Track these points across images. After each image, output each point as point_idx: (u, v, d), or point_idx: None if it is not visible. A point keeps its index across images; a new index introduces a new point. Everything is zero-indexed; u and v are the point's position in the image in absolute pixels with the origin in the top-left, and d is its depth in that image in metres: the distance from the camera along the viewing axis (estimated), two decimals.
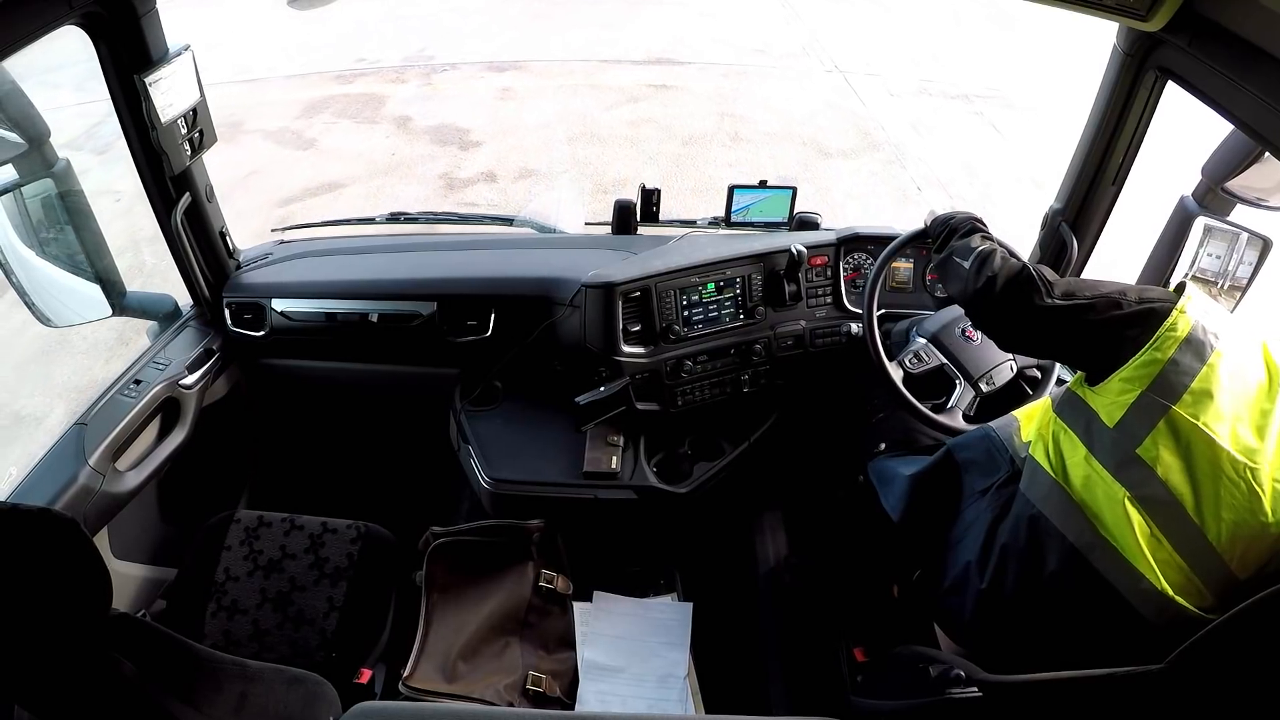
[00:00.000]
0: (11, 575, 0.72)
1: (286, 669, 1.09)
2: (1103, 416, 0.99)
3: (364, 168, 4.57)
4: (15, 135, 1.35)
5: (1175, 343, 0.95)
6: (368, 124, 5.04)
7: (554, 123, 4.95)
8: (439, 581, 1.49)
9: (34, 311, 1.42)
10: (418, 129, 4.95)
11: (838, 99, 5.37)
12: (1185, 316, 0.97)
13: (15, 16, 1.03)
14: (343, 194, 4.33)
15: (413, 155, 4.67)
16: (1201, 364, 0.94)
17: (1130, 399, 0.96)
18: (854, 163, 4.69)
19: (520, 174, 4.44)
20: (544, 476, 1.56)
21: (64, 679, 0.78)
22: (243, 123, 4.99)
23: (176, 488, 1.69)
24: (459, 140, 4.79)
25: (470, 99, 5.26)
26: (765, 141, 4.86)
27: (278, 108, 5.23)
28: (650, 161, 4.59)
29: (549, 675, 1.41)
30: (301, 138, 4.93)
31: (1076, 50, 4.58)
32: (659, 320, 1.58)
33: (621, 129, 4.89)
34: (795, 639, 1.58)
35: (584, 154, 4.64)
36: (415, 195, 4.25)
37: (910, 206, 4.30)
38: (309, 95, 5.37)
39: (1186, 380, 0.94)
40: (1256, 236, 1.43)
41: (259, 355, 1.78)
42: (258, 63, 5.77)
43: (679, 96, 5.29)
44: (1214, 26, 1.08)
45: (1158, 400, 0.94)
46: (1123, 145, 1.46)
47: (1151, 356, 0.96)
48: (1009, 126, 5.15)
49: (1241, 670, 0.83)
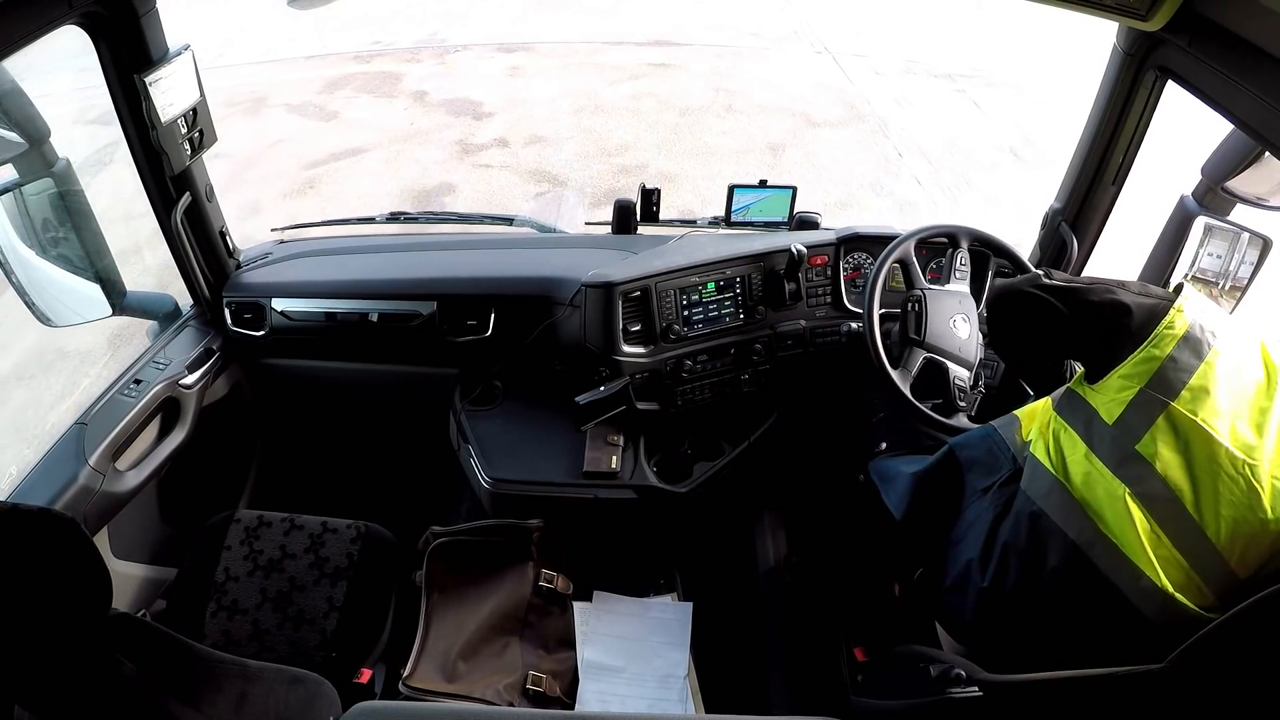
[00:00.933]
0: (11, 575, 0.72)
1: (286, 669, 1.09)
2: (1102, 414, 0.99)
3: (385, 135, 4.90)
4: (15, 135, 1.35)
5: (1173, 340, 0.96)
6: (386, 98, 5.38)
7: (560, 97, 5.28)
8: (439, 581, 1.49)
9: (34, 311, 1.42)
10: (434, 102, 5.30)
11: (826, 77, 5.69)
12: (1183, 315, 0.98)
13: (15, 16, 1.03)
14: (365, 158, 4.66)
15: (430, 124, 5.02)
16: (1199, 361, 0.95)
17: (1129, 395, 0.97)
18: (840, 132, 4.98)
19: (530, 140, 4.78)
20: (544, 476, 1.56)
21: (64, 679, 0.78)
22: (267, 98, 5.38)
23: (176, 487, 1.69)
24: (473, 111, 5.14)
25: (481, 76, 5.62)
26: (757, 113, 5.15)
27: (300, 85, 5.58)
28: (650, 129, 4.89)
29: (549, 675, 1.41)
30: (324, 110, 5.29)
31: (1059, 35, 5.00)
32: (659, 320, 1.58)
33: (623, 101, 5.23)
34: (795, 639, 1.58)
35: (589, 123, 4.97)
36: (434, 159, 4.62)
37: (891, 173, 4.61)
38: (329, 74, 5.71)
39: (1185, 377, 0.94)
40: (1257, 236, 1.43)
41: (259, 355, 1.78)
42: (279, 47, 6.15)
43: (676, 74, 5.62)
44: (1214, 26, 1.08)
45: (1156, 397, 0.95)
46: (1123, 145, 1.46)
47: (1150, 354, 0.97)
48: (989, 103, 5.44)
49: (1242, 670, 0.83)
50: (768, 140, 4.89)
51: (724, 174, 4.41)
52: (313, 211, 4.16)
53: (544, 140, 4.78)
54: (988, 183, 4.59)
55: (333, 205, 4.24)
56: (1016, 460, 1.17)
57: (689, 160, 4.56)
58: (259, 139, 4.86)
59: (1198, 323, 0.97)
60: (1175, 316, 0.97)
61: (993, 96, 5.54)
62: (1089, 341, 1.05)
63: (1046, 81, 5.57)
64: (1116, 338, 1.01)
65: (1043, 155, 4.81)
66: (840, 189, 4.44)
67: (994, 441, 1.22)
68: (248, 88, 5.55)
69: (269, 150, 4.74)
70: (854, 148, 4.85)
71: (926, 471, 1.30)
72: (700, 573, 1.68)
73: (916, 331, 1.45)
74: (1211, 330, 0.97)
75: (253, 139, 4.88)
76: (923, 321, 1.43)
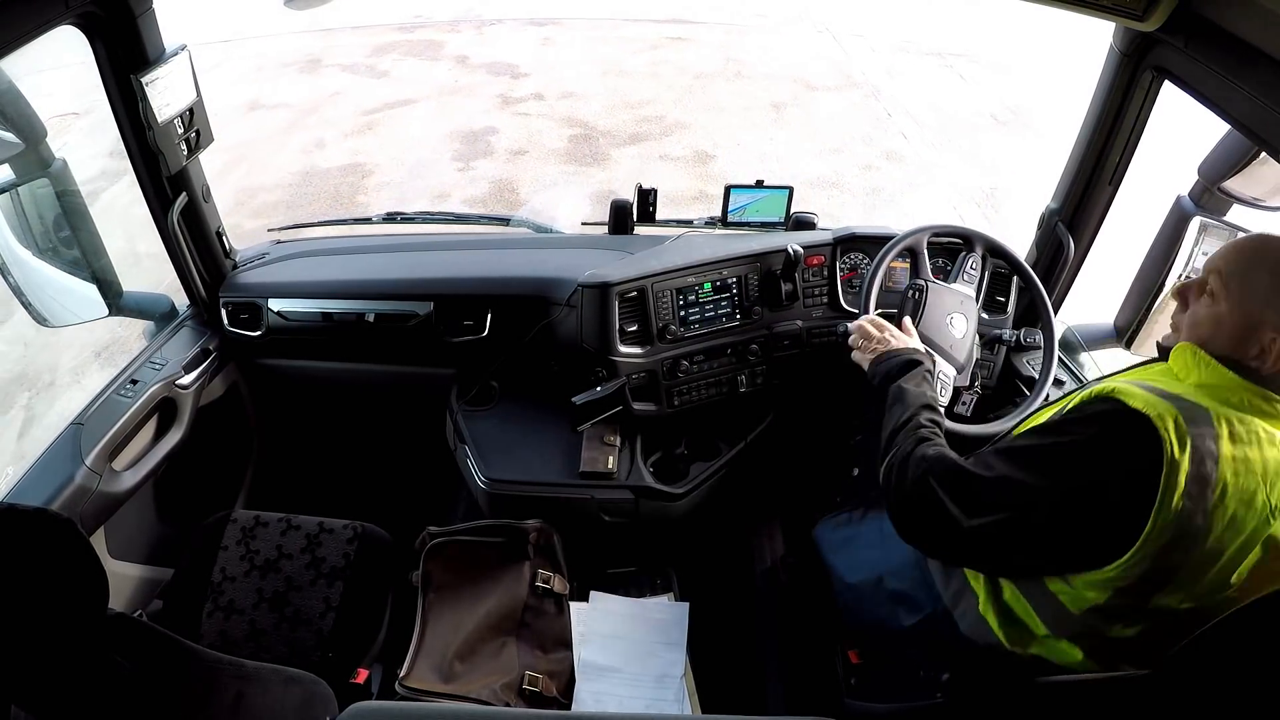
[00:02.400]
0: (8, 575, 0.72)
1: (283, 669, 1.09)
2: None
3: (432, 90, 5.63)
4: (12, 135, 1.35)
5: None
6: (430, 60, 6.12)
7: (587, 62, 6.06)
8: (435, 581, 1.49)
9: (30, 311, 1.42)
10: (474, 64, 6.05)
11: (826, 52, 6.43)
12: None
13: (12, 16, 1.03)
14: (416, 107, 5.36)
15: (472, 82, 5.78)
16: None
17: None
18: (835, 95, 5.70)
19: (563, 95, 5.52)
20: (540, 476, 1.56)
21: (61, 679, 0.78)
22: (321, 60, 6.14)
23: (173, 488, 1.69)
24: (510, 72, 5.89)
25: (516, 45, 6.37)
26: (762, 79, 5.86)
27: (350, 50, 6.29)
28: (667, 89, 5.65)
29: (546, 675, 1.41)
30: (375, 69, 5.98)
31: (1048, 25, 5.41)
32: (655, 320, 1.58)
33: (644, 67, 6.01)
34: (791, 639, 1.58)
35: (614, 84, 5.72)
36: (478, 108, 5.35)
37: (881, 129, 5.23)
38: (376, 41, 6.42)
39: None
40: None
41: (255, 355, 1.78)
42: (323, 18, 6.87)
43: (691, 46, 6.39)
44: (1211, 26, 1.08)
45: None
46: (1119, 145, 1.46)
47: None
48: (974, 77, 6.12)
49: (1238, 670, 0.83)
50: (771, 100, 5.54)
51: (731, 124, 5.19)
52: (373, 148, 4.85)
53: (575, 95, 5.51)
54: (967, 141, 5.19)
55: (392, 143, 4.89)
56: (942, 600, 1.17)
57: (701, 114, 5.30)
58: (318, 92, 5.58)
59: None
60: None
61: (979, 72, 6.16)
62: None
63: (1030, 62, 6.18)
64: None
65: (1020, 120, 5.48)
66: (834, 139, 5.07)
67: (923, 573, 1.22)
68: (303, 51, 6.26)
69: (328, 100, 5.45)
70: (848, 108, 5.51)
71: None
72: (697, 573, 1.68)
73: (912, 317, 1.44)
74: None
75: (311, 92, 5.61)
76: (919, 310, 1.43)
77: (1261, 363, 0.93)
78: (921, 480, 1.00)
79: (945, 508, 0.97)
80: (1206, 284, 0.99)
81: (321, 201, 4.31)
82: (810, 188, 4.42)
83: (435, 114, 5.26)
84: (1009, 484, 0.94)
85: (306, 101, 5.42)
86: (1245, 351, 0.94)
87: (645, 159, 4.78)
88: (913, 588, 1.23)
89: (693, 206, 4.20)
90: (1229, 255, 0.99)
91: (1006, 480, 0.94)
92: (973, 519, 0.95)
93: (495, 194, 4.37)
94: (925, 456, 1.02)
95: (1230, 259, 0.98)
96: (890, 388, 1.21)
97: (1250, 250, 0.97)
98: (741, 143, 4.97)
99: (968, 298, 1.49)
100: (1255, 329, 0.93)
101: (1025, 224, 1.75)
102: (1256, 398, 0.92)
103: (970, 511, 0.95)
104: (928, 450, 1.04)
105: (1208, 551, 0.87)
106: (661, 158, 4.79)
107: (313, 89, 5.62)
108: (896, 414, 1.14)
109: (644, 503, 1.56)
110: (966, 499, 0.96)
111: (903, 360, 1.24)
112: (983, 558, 1.03)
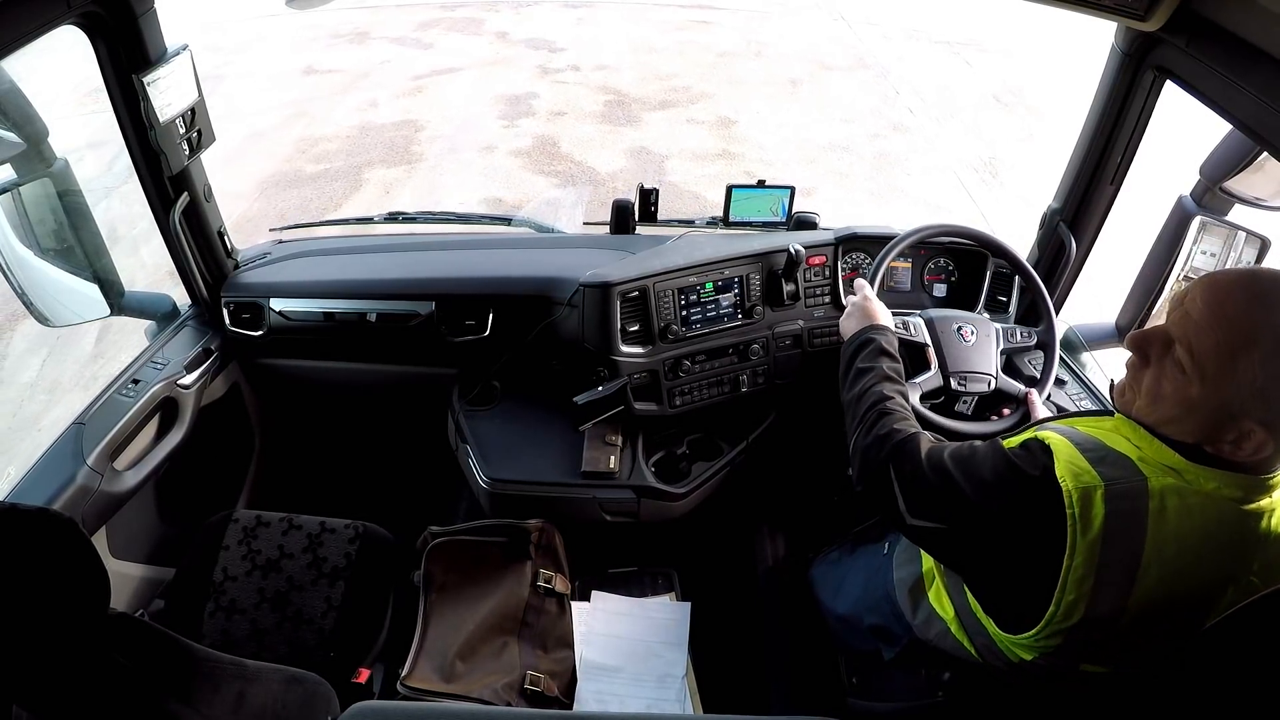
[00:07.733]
0: (10, 575, 0.72)
1: (285, 668, 1.09)
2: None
3: (475, 60, 6.29)
4: (14, 135, 1.34)
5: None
6: (473, 35, 6.85)
7: (619, 40, 6.79)
8: (437, 581, 1.49)
9: (32, 311, 1.42)
10: (514, 39, 6.76)
11: (841, 37, 7.16)
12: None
13: (13, 16, 1.03)
14: (461, 75, 6.00)
15: (513, 54, 6.46)
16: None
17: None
18: (847, 74, 6.36)
19: (597, 67, 6.18)
20: (542, 476, 1.56)
21: (62, 679, 0.78)
22: (368, 33, 6.81)
23: (174, 487, 1.69)
24: (548, 47, 6.59)
25: (552, 23, 7.15)
26: (779, 59, 6.55)
27: (395, 24, 7.00)
28: (693, 66, 6.29)
29: (547, 675, 1.41)
30: (420, 41, 6.67)
31: (1053, 19, 5.42)
32: (657, 320, 1.58)
33: (671, 46, 6.71)
34: (793, 639, 1.58)
35: (644, 59, 6.39)
36: (519, 77, 5.97)
37: (889, 104, 5.84)
38: (420, 17, 7.19)
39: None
40: (1255, 236, 1.43)
41: (257, 355, 1.78)
42: None
43: (714, 29, 7.14)
44: (1212, 26, 1.08)
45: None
46: (1121, 145, 1.46)
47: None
48: (980, 63, 6.75)
49: (1239, 670, 0.83)
50: (788, 76, 6.22)
51: (751, 96, 5.80)
52: (423, 107, 5.41)
53: (608, 68, 6.19)
54: (970, 117, 5.77)
55: (440, 104, 5.46)
56: (914, 631, 1.17)
57: (724, 86, 6.00)
58: (368, 60, 6.22)
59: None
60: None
61: (984, 59, 6.80)
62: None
63: (1034, 48, 6.75)
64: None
65: (1021, 100, 6.04)
66: (846, 111, 5.70)
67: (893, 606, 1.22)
68: (351, 25, 6.92)
69: (378, 67, 6.09)
70: (859, 86, 6.15)
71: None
72: (698, 573, 1.68)
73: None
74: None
75: (362, 59, 6.22)
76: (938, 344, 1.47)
77: (1235, 449, 0.79)
78: (884, 466, 1.02)
79: (895, 500, 0.99)
80: (1173, 346, 0.82)
81: (378, 150, 4.85)
82: (823, 150, 5.10)
83: (480, 80, 5.89)
84: (948, 495, 0.93)
85: (359, 69, 6.02)
86: (1218, 438, 0.80)
87: (673, 122, 5.38)
88: (887, 621, 1.24)
89: (716, 162, 4.89)
90: (1205, 325, 0.78)
91: (947, 491, 0.93)
92: (914, 518, 0.97)
93: (539, 147, 4.96)
94: (895, 442, 1.02)
95: (1205, 329, 0.78)
96: (856, 358, 1.23)
97: (1234, 319, 0.77)
98: (760, 111, 5.59)
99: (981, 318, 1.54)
100: (1235, 418, 0.78)
101: (1019, 189, 1.79)
102: (1211, 481, 0.81)
103: (913, 510, 0.97)
104: (897, 435, 1.04)
105: (1135, 631, 0.83)
106: (689, 121, 5.41)
107: (363, 57, 6.24)
108: (862, 382, 1.17)
109: (646, 502, 1.56)
110: (913, 497, 0.97)
111: (866, 335, 1.26)
112: (928, 551, 1.09)
